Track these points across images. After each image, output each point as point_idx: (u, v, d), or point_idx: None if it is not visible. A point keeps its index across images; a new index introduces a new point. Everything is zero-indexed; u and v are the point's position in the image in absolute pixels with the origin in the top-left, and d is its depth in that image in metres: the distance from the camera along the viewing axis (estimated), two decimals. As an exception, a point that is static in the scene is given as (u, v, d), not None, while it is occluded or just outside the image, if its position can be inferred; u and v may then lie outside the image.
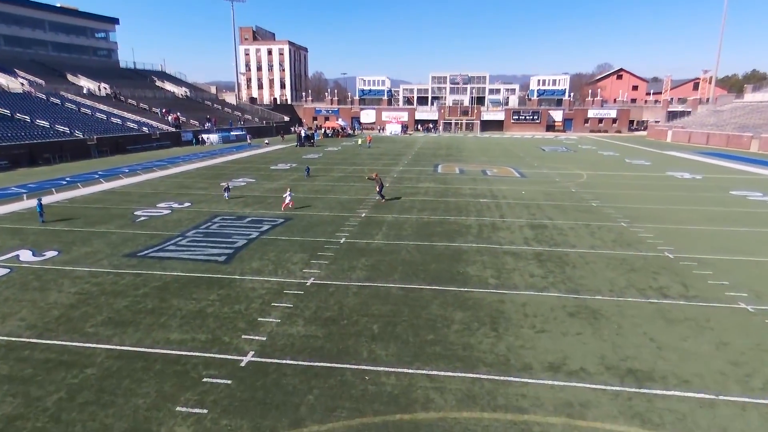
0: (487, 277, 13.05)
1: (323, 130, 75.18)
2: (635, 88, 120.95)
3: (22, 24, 68.77)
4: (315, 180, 30.38)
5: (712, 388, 7.94)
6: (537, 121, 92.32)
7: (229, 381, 8.16)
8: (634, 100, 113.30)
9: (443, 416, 7.25)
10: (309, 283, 12.62)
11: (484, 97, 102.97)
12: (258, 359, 8.86)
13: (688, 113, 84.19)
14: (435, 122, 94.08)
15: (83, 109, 54.36)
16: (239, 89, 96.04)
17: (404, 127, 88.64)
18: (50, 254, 15.05)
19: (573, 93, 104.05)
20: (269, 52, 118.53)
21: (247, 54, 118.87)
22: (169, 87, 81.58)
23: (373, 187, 24.81)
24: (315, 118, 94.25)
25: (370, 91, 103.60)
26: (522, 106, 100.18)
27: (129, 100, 65.42)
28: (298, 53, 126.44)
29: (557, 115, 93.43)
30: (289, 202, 21.74)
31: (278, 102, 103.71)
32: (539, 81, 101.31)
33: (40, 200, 19.24)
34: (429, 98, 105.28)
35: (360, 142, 59.66)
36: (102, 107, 57.07)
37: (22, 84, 56.89)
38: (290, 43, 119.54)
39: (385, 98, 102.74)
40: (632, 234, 17.58)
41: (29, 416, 7.27)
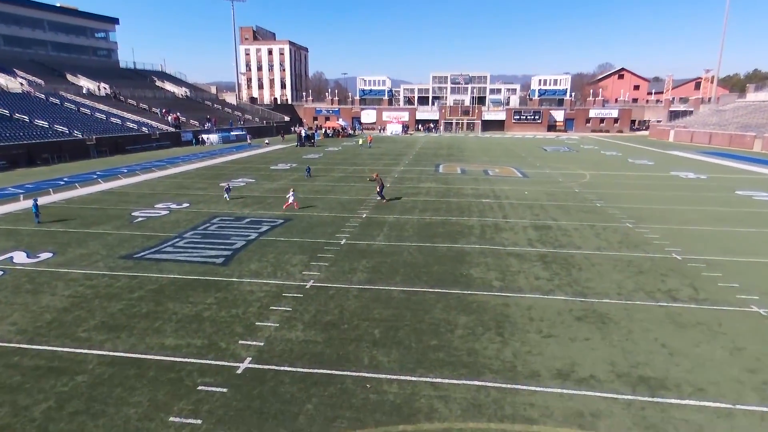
0: (491, 280, 12.72)
1: (324, 130, 74.85)
2: (637, 88, 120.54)
3: (22, 24, 68.51)
4: (315, 180, 30.07)
5: (729, 397, 7.60)
6: (538, 121, 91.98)
7: (225, 389, 7.84)
8: (636, 100, 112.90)
9: (448, 427, 6.93)
10: (308, 286, 12.30)
11: (485, 97, 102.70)
12: (255, 366, 8.54)
13: (690, 113, 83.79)
14: (436, 122, 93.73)
15: (82, 109, 54.09)
16: (239, 89, 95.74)
17: (405, 127, 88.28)
18: (45, 256, 14.75)
19: (574, 93, 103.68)
20: (269, 52, 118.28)
21: (248, 54, 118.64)
22: (169, 87, 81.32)
23: (374, 188, 24.49)
24: (315, 118, 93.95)
25: (371, 91, 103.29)
26: (523, 106, 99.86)
27: (129, 100, 65.14)
28: (299, 53, 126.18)
29: (558, 115, 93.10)
30: (293, 203, 21.51)
31: (278, 102, 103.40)
32: (540, 81, 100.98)
33: (36, 201, 18.95)
34: (430, 98, 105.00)
35: (361, 142, 59.36)
36: (101, 107, 56.80)
37: (22, 84, 56.65)
38: (291, 43, 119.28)
39: (386, 98, 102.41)
40: (638, 235, 17.24)
41: (15, 426, 6.95)
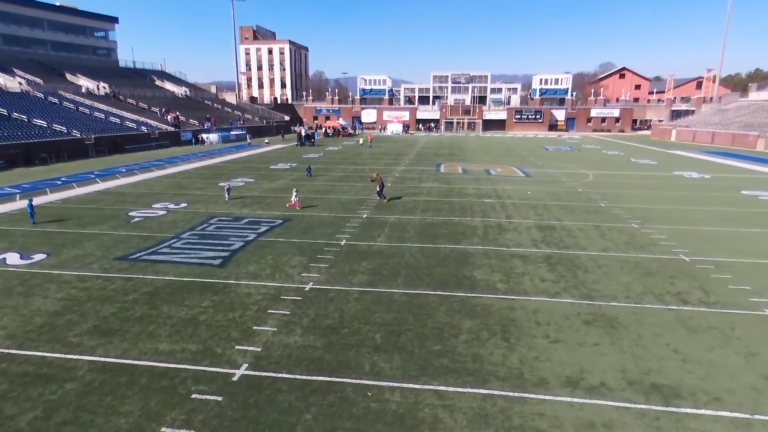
0: (496, 282, 12.39)
1: (324, 130, 74.51)
2: (638, 87, 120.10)
3: (21, 23, 68.20)
4: (315, 180, 29.74)
5: (746, 406, 7.27)
6: (539, 121, 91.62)
7: (220, 397, 7.52)
8: (637, 99, 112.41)
9: (453, 438, 6.60)
10: (308, 288, 11.98)
11: (486, 97, 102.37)
12: (251, 372, 8.22)
13: (692, 112, 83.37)
14: (436, 122, 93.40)
15: (81, 109, 53.78)
16: (239, 89, 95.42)
17: (406, 127, 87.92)
18: (38, 257, 14.44)
19: (575, 92, 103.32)
20: (270, 52, 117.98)
21: (248, 53, 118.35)
22: (169, 86, 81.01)
23: (374, 188, 24.13)
24: (316, 118, 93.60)
25: (371, 91, 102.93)
26: (524, 106, 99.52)
27: (128, 100, 64.83)
28: (299, 52, 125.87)
29: (560, 115, 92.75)
30: (296, 203, 21.24)
31: (279, 101, 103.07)
32: (541, 80, 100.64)
33: (31, 201, 18.63)
34: (430, 97, 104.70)
35: (361, 142, 59.02)
36: (101, 106, 56.49)
37: (20, 83, 56.36)
38: (291, 43, 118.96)
39: (386, 97, 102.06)
40: (644, 236, 16.90)
41: (0, 438, 6.64)
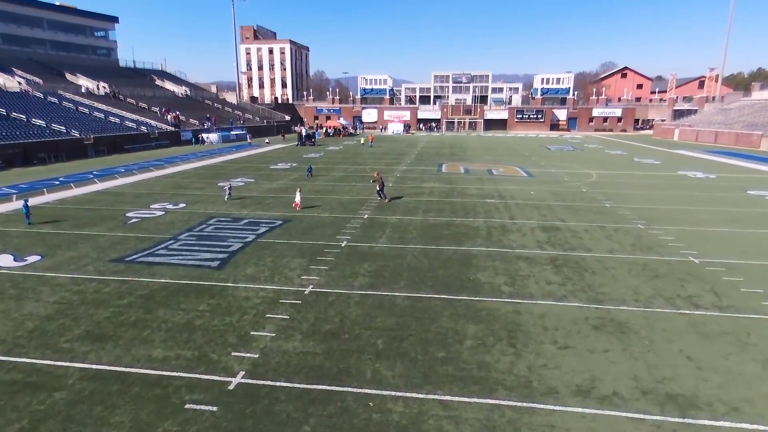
0: (500, 285, 12.05)
1: (324, 130, 74.19)
2: (640, 87, 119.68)
3: (20, 22, 67.96)
4: (316, 180, 29.41)
5: (767, 417, 6.93)
6: (541, 120, 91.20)
7: (215, 408, 7.19)
8: (639, 99, 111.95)
9: (460, 452, 6.27)
10: (307, 292, 11.65)
11: (487, 96, 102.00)
12: (248, 381, 7.89)
13: (695, 112, 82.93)
14: (438, 121, 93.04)
15: (81, 108, 53.49)
16: (240, 88, 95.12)
17: (407, 127, 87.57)
18: (32, 259, 14.12)
19: (577, 92, 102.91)
20: (270, 51, 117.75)
21: (248, 53, 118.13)
22: (169, 86, 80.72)
23: (375, 187, 23.76)
24: (316, 117, 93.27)
25: (372, 90, 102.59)
26: (525, 105, 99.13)
27: (128, 99, 64.53)
28: (300, 52, 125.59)
29: (561, 114, 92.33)
30: (298, 203, 21.06)
31: (279, 101, 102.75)
32: (543, 79, 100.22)
33: (26, 201, 18.32)
34: (431, 97, 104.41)
35: (362, 142, 58.70)
36: (100, 106, 56.19)
37: (20, 83, 56.08)
38: (291, 42, 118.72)
39: (387, 97, 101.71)
40: (651, 237, 16.55)
41: (-17, 452, 6.32)
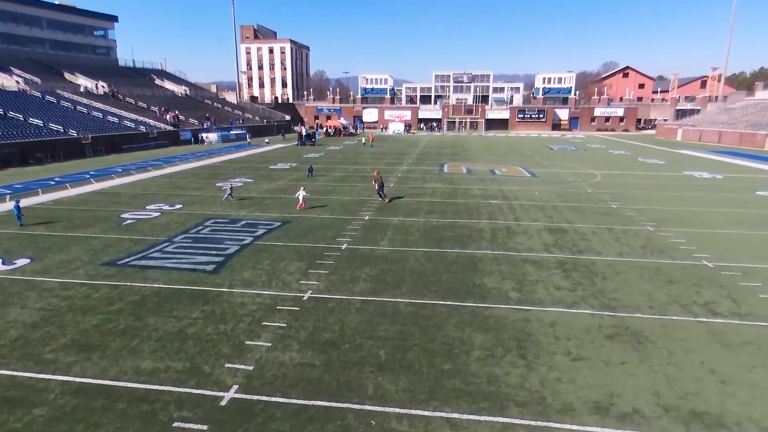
0: (508, 290, 11.54)
1: (325, 129, 73.69)
2: (641, 86, 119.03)
3: (19, 21, 67.53)
4: (315, 180, 28.89)
5: (801, 439, 6.42)
6: (542, 120, 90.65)
7: (205, 426, 6.68)
8: (641, 99, 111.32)
9: (470, 478, 5.75)
10: (306, 297, 11.14)
11: (488, 96, 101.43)
12: (242, 396, 7.38)
13: (697, 111, 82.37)
14: (438, 121, 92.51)
15: (79, 108, 53.02)
16: (240, 88, 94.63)
17: (407, 126, 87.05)
18: (21, 262, 13.62)
19: (578, 91, 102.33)
20: (270, 51, 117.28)
21: (249, 53, 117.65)
22: (169, 86, 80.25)
23: (375, 187, 23.22)
24: (317, 117, 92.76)
25: (373, 90, 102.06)
26: (527, 105, 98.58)
27: (127, 99, 64.04)
28: (300, 52, 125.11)
29: (563, 114, 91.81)
30: (302, 202, 20.67)
31: (279, 101, 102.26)
32: (544, 79, 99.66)
33: (18, 202, 17.83)
34: (432, 97, 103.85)
35: (363, 141, 58.19)
36: (98, 105, 55.70)
37: (18, 82, 55.63)
38: (292, 42, 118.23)
39: (388, 97, 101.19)
40: (662, 239, 16.03)
41: (-48, 476, 5.82)
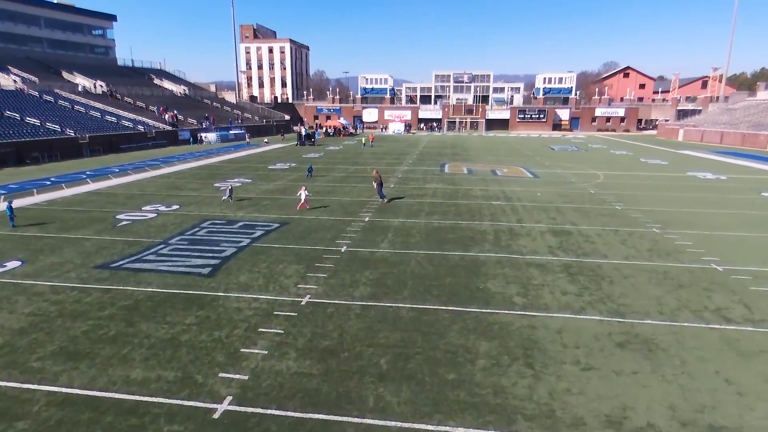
0: (512, 295, 11.18)
1: (324, 129, 73.34)
2: (642, 87, 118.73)
3: (17, 20, 67.13)
4: (315, 181, 28.52)
5: (827, 456, 6.07)
6: (543, 120, 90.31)
7: (197, 442, 6.34)
8: (641, 99, 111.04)
9: (477, 500, 5.40)
10: (304, 302, 10.78)
11: (488, 96, 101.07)
12: (236, 408, 7.03)
13: (698, 112, 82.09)
14: (439, 121, 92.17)
15: (77, 107, 52.65)
16: (239, 88, 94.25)
17: (407, 126, 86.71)
18: (12, 265, 13.26)
19: (579, 91, 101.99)
20: (270, 51, 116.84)
21: (248, 52, 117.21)
22: (168, 85, 79.88)
23: (375, 187, 22.87)
24: (316, 117, 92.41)
25: (373, 90, 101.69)
26: (527, 105, 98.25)
27: (125, 99, 63.67)
28: (300, 51, 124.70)
29: (564, 114, 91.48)
30: (304, 202, 20.37)
31: (279, 101, 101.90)
32: (545, 79, 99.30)
33: (11, 203, 17.47)
34: (432, 97, 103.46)
35: (364, 141, 57.84)
36: (97, 105, 55.32)
37: (15, 81, 55.25)
38: (291, 41, 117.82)
39: (388, 97, 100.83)
40: (668, 242, 15.68)
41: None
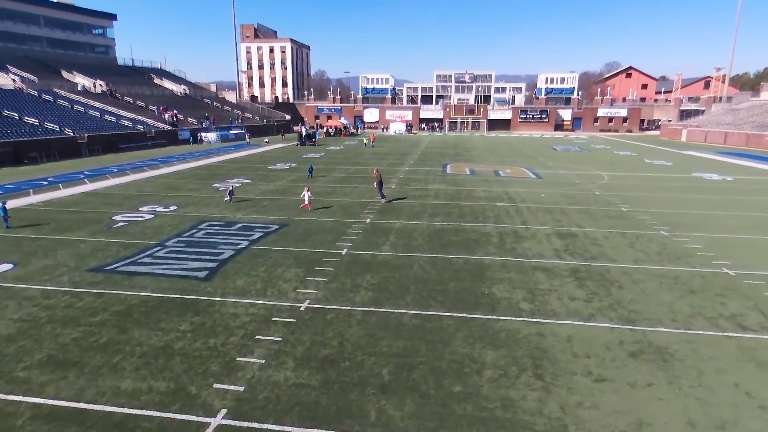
0: (519, 301, 10.80)
1: (325, 129, 72.98)
2: (645, 87, 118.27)
3: (17, 19, 66.88)
4: (315, 181, 28.15)
5: None
6: (545, 120, 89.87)
7: (188, 460, 5.97)
8: (644, 99, 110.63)
9: None
10: (303, 308, 10.41)
11: (490, 96, 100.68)
12: (230, 422, 6.66)
13: (702, 112, 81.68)
14: (440, 121, 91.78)
15: (76, 107, 52.33)
16: (240, 87, 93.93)
17: (409, 126, 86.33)
18: (3, 268, 12.90)
19: (581, 92, 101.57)
20: (271, 50, 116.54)
21: (249, 52, 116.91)
22: (168, 85, 79.56)
23: (375, 187, 22.53)
24: (317, 117, 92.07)
25: (374, 90, 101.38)
26: (529, 105, 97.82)
27: (125, 98, 63.37)
28: (301, 51, 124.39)
29: (566, 114, 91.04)
30: (308, 203, 20.07)
31: (280, 100, 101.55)
32: (547, 79, 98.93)
33: (4, 204, 17.11)
34: (433, 97, 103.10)
35: (365, 141, 57.46)
36: (96, 104, 55.01)
37: (14, 80, 54.93)
38: (292, 41, 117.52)
39: (389, 97, 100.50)
40: (677, 245, 15.29)
41: None
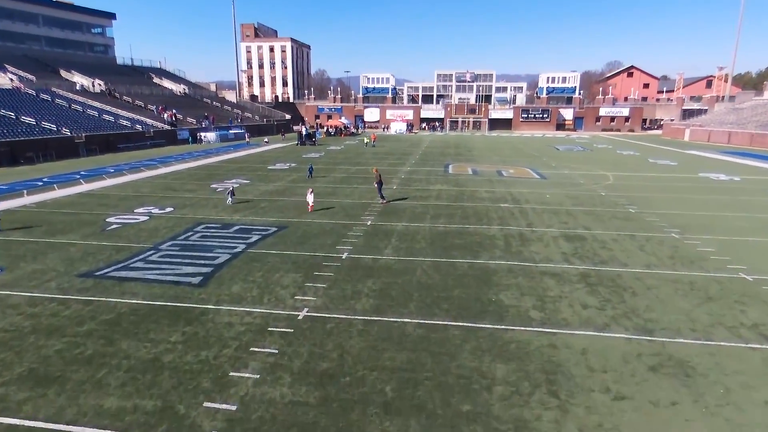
0: (528, 309, 10.27)
1: (325, 129, 72.45)
2: (646, 86, 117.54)
3: (15, 18, 66.39)
4: (315, 182, 27.61)
5: None
6: (547, 120, 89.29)
7: (173, 491, 5.44)
8: (645, 98, 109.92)
9: None
10: (301, 316, 9.89)
11: (491, 96, 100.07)
12: (221, 446, 6.14)
13: (704, 111, 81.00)
14: (441, 120, 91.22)
15: (74, 106, 51.81)
16: (240, 87, 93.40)
17: (410, 126, 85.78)
18: (-10, 273, 12.40)
19: (583, 91, 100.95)
20: (271, 50, 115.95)
21: (249, 51, 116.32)
22: (168, 84, 79.04)
23: (376, 187, 22.02)
24: (317, 116, 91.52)
25: (374, 89, 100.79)
26: (530, 104, 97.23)
27: (124, 97, 62.86)
28: (301, 50, 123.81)
29: (567, 114, 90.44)
30: (312, 205, 19.70)
31: (280, 100, 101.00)
32: (548, 78, 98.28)
33: (-6, 205, 16.62)
34: (434, 96, 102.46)
35: (366, 141, 56.93)
36: (94, 104, 54.49)
37: (12, 80, 54.44)
38: (292, 41, 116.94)
39: (390, 96, 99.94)
40: (689, 248, 14.75)
41: None
